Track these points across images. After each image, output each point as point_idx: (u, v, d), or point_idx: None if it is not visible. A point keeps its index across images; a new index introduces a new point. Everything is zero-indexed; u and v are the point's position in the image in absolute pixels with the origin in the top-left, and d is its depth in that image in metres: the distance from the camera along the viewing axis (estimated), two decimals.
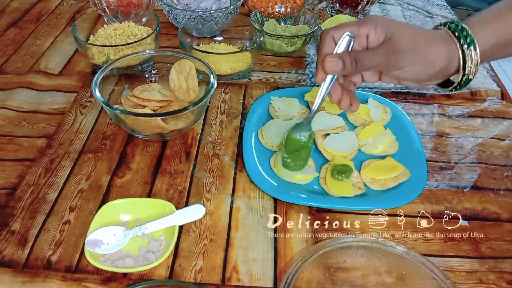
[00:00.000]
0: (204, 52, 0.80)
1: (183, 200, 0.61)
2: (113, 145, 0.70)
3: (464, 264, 0.55)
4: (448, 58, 0.55)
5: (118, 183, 0.64)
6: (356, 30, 0.56)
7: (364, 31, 0.55)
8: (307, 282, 0.49)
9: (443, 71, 0.56)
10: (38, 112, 0.76)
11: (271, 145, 0.68)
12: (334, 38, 0.57)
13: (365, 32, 0.55)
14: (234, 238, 0.57)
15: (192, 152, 0.69)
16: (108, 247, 0.54)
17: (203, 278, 0.53)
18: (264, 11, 0.98)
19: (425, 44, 0.54)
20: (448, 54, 0.54)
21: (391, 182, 0.63)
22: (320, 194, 0.62)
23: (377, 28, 0.55)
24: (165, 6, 0.94)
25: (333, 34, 0.57)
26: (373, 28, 0.55)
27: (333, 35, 0.57)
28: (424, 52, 0.54)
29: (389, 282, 0.51)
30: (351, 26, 0.56)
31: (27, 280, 0.52)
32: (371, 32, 0.55)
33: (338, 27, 0.57)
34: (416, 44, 0.54)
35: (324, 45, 0.57)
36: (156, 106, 0.70)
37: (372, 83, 0.84)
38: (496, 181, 0.65)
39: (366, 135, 0.70)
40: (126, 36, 0.86)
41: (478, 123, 0.76)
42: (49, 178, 0.64)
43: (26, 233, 0.57)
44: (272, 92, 0.79)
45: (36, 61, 0.88)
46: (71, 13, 1.06)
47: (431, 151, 0.70)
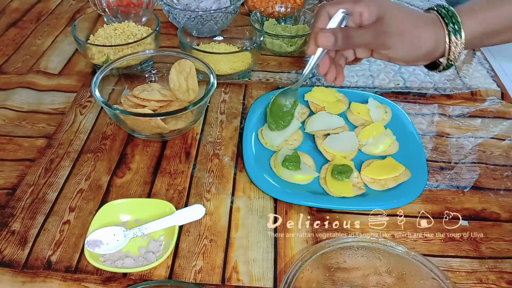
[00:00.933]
0: (204, 52, 0.80)
1: (183, 200, 0.61)
2: (113, 145, 0.70)
3: (464, 264, 0.55)
4: (435, 42, 0.57)
5: (118, 183, 0.64)
6: (351, 8, 0.58)
7: (358, 9, 0.57)
8: (307, 282, 0.49)
9: (429, 54, 0.58)
10: (38, 112, 0.76)
11: (271, 145, 0.68)
12: (329, 14, 0.59)
13: (359, 10, 0.57)
14: (234, 238, 0.57)
15: (192, 152, 0.69)
16: (108, 247, 0.54)
17: (203, 278, 0.53)
18: (264, 11, 0.98)
19: (413, 27, 0.56)
20: (435, 38, 0.57)
21: (391, 182, 0.63)
22: (320, 194, 0.62)
23: (371, 7, 0.57)
24: (165, 6, 0.94)
25: (328, 10, 0.59)
26: (367, 7, 0.57)
27: (328, 11, 0.59)
28: (412, 35, 0.56)
29: (389, 282, 0.51)
30: (346, 4, 0.58)
31: (27, 280, 0.52)
32: (365, 10, 0.57)
33: (334, 3, 0.59)
34: (405, 26, 0.56)
35: (319, 19, 0.59)
36: (156, 106, 0.70)
37: (372, 83, 0.84)
38: (496, 181, 0.65)
39: (366, 135, 0.70)
40: (126, 36, 0.86)
41: (478, 123, 0.76)
42: (49, 178, 0.64)
43: (26, 233, 0.57)
44: (272, 92, 0.79)
45: (36, 61, 0.88)
46: (71, 13, 1.06)
47: (431, 151, 0.70)
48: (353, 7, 0.57)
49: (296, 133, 0.71)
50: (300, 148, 0.69)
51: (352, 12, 0.58)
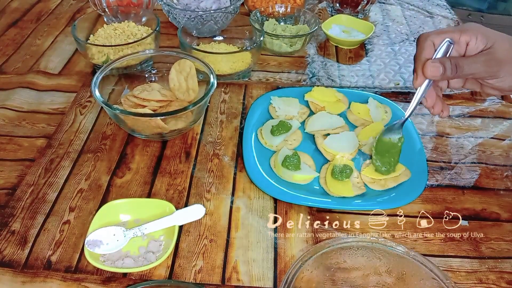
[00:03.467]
0: (204, 52, 0.80)
1: (183, 200, 0.61)
2: (113, 145, 0.70)
3: (464, 264, 0.55)
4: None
5: (118, 183, 0.64)
6: (457, 37, 0.56)
7: (465, 38, 0.56)
8: (307, 282, 0.49)
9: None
10: (38, 112, 0.76)
11: (270, 145, 0.68)
12: (434, 43, 0.57)
13: (465, 39, 0.56)
14: (234, 238, 0.57)
15: (192, 152, 0.69)
16: (108, 247, 0.54)
17: (203, 278, 0.53)
18: (264, 11, 0.98)
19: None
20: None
21: (391, 182, 0.63)
22: (320, 194, 0.62)
23: (479, 36, 0.55)
24: (165, 6, 0.94)
25: (433, 39, 0.57)
26: (475, 36, 0.55)
27: (433, 40, 0.57)
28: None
29: (389, 282, 0.51)
30: (452, 33, 0.56)
31: (27, 280, 0.52)
32: (472, 40, 0.56)
33: (438, 32, 0.57)
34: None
35: (424, 50, 0.57)
36: (156, 106, 0.70)
37: (372, 83, 0.84)
38: (496, 181, 0.65)
39: (366, 135, 0.70)
40: (125, 36, 0.86)
41: (478, 123, 0.76)
42: (49, 178, 0.64)
43: (26, 233, 0.57)
44: (272, 92, 0.79)
45: (36, 61, 0.88)
46: (71, 13, 1.06)
47: (432, 151, 0.70)
48: (460, 36, 0.56)
49: (296, 133, 0.71)
50: (300, 148, 0.69)
51: (457, 41, 0.56)
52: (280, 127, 0.68)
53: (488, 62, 0.55)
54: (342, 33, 0.97)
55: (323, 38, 0.98)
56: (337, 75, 0.87)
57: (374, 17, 1.08)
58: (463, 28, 0.57)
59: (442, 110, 0.60)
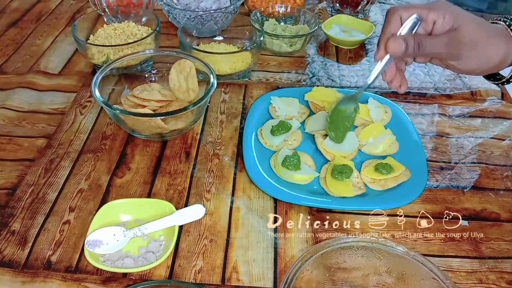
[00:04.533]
0: (204, 52, 0.80)
1: (183, 200, 0.61)
2: (113, 145, 0.70)
3: (464, 264, 0.55)
4: (505, 54, 0.56)
5: (118, 183, 0.64)
6: (424, 14, 0.56)
7: (432, 16, 0.55)
8: (307, 282, 0.49)
9: (497, 66, 0.58)
10: (38, 112, 0.76)
11: (270, 145, 0.68)
12: (401, 18, 0.57)
13: (433, 17, 0.56)
14: (234, 238, 0.57)
15: (192, 152, 0.69)
16: (108, 247, 0.54)
17: (203, 278, 0.53)
18: (264, 11, 0.98)
19: (486, 39, 0.55)
20: (505, 50, 0.56)
21: (391, 182, 0.63)
22: (320, 194, 0.62)
23: (446, 16, 0.55)
24: (165, 6, 0.94)
25: (401, 13, 0.57)
26: (442, 15, 0.55)
27: (401, 14, 0.57)
28: (484, 47, 0.55)
29: (389, 282, 0.51)
30: (420, 9, 0.56)
31: (27, 280, 0.52)
32: (439, 19, 0.55)
33: (407, 7, 0.57)
34: (478, 38, 0.55)
35: (390, 23, 0.57)
36: (156, 106, 0.70)
37: (373, 83, 0.84)
38: (496, 181, 0.65)
39: (366, 135, 0.70)
40: (125, 36, 0.86)
41: (478, 123, 0.76)
42: (49, 178, 0.64)
43: (26, 233, 0.57)
44: (272, 92, 0.79)
45: (36, 61, 0.88)
46: (71, 13, 1.06)
47: (431, 151, 0.70)
48: (428, 13, 0.55)
49: (296, 133, 0.71)
50: (300, 148, 0.69)
51: (425, 18, 0.56)
52: (280, 127, 0.68)
53: (451, 44, 0.55)
54: (342, 33, 0.97)
55: (323, 38, 0.98)
56: (337, 75, 0.87)
57: (374, 17, 1.08)
58: (431, 6, 0.56)
59: (401, 85, 0.60)
